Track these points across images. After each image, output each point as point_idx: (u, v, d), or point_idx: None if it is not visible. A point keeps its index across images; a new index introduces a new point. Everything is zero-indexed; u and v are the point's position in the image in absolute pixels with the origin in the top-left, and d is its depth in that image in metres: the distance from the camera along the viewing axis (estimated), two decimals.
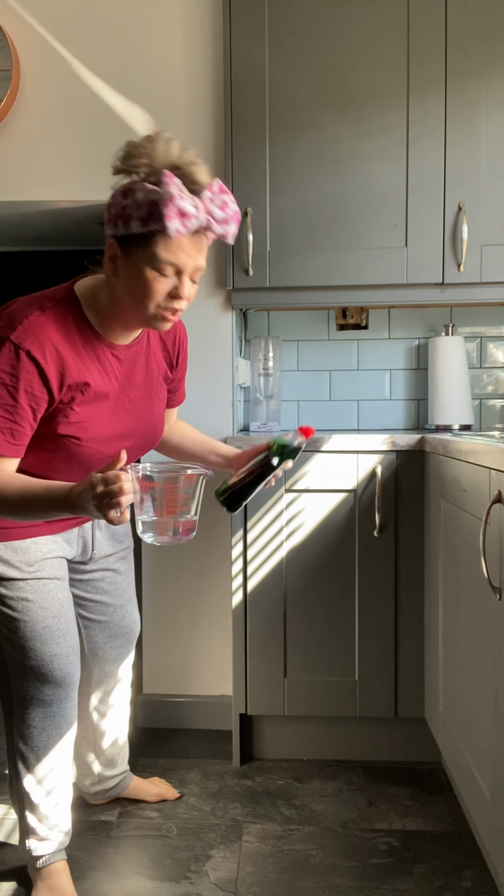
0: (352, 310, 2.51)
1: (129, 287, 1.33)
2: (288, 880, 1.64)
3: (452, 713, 1.78)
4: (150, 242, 1.27)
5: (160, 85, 2.32)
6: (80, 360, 1.39)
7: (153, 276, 1.30)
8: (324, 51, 2.16)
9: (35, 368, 1.32)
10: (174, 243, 1.27)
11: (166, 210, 1.22)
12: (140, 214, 1.25)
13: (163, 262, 1.28)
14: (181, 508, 1.27)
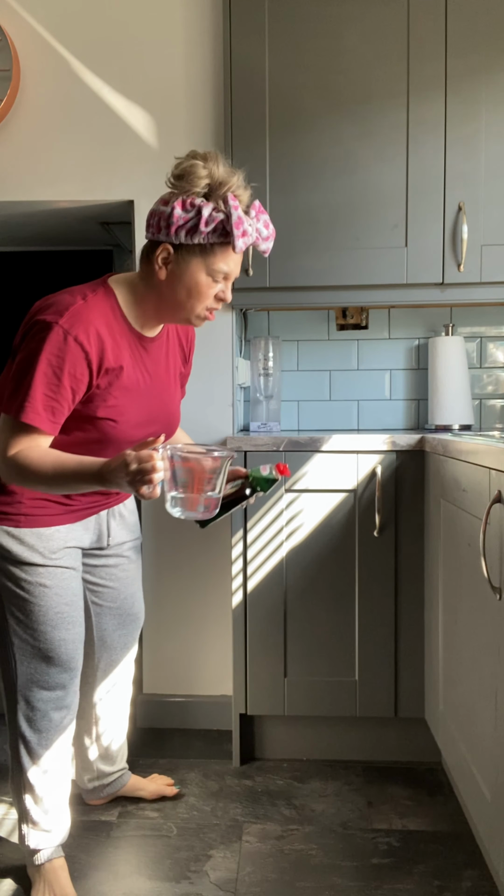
0: (352, 310, 2.51)
1: (180, 288, 1.49)
2: (288, 880, 1.64)
3: (452, 713, 1.78)
4: (210, 253, 1.46)
5: (160, 85, 2.32)
6: (117, 347, 1.50)
7: (208, 281, 1.48)
8: (324, 51, 2.16)
9: (81, 352, 1.43)
10: (230, 256, 1.47)
11: (235, 230, 1.42)
12: (208, 229, 1.43)
13: (218, 272, 1.48)
14: (207, 487, 1.37)
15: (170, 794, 1.97)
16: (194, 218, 1.43)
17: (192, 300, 1.50)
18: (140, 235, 2.35)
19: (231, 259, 1.48)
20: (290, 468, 2.07)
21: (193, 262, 1.46)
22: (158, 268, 1.48)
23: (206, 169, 1.44)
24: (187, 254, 1.46)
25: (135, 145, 2.33)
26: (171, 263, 1.47)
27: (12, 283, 3.12)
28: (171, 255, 1.47)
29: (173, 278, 1.48)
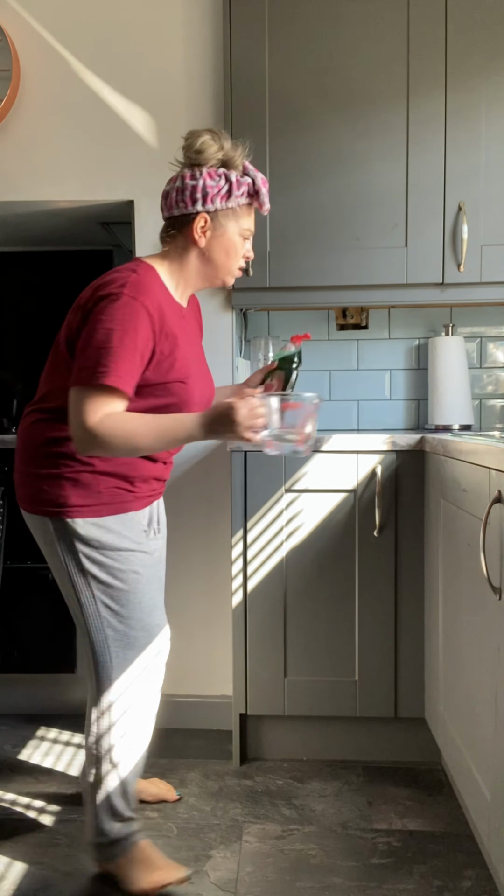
0: (352, 310, 2.51)
1: (220, 251, 1.64)
2: (288, 880, 1.64)
3: (452, 713, 1.78)
4: (240, 215, 1.63)
5: (160, 85, 2.32)
6: (169, 314, 1.60)
7: (240, 241, 1.66)
8: (324, 51, 2.16)
9: (147, 318, 1.52)
10: (253, 215, 1.67)
11: (263, 189, 1.63)
12: (240, 192, 1.60)
13: (247, 230, 1.66)
14: (311, 424, 1.54)
15: (171, 799, 1.97)
16: (226, 185, 1.60)
17: (231, 259, 1.66)
18: (140, 235, 2.35)
19: (253, 218, 1.68)
20: (290, 468, 2.08)
21: (229, 224, 1.63)
22: (198, 236, 1.61)
23: (216, 143, 1.60)
24: (223, 218, 1.62)
25: (135, 145, 2.33)
26: (209, 230, 1.62)
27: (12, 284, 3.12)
28: (209, 222, 1.61)
29: (213, 243, 1.63)
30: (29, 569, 2.43)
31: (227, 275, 1.69)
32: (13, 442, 2.38)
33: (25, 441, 1.64)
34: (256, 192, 1.63)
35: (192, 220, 1.61)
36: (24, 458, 1.63)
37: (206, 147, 1.59)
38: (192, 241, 1.63)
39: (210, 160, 1.59)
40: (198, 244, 1.62)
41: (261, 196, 1.63)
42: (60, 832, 1.82)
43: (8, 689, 2.50)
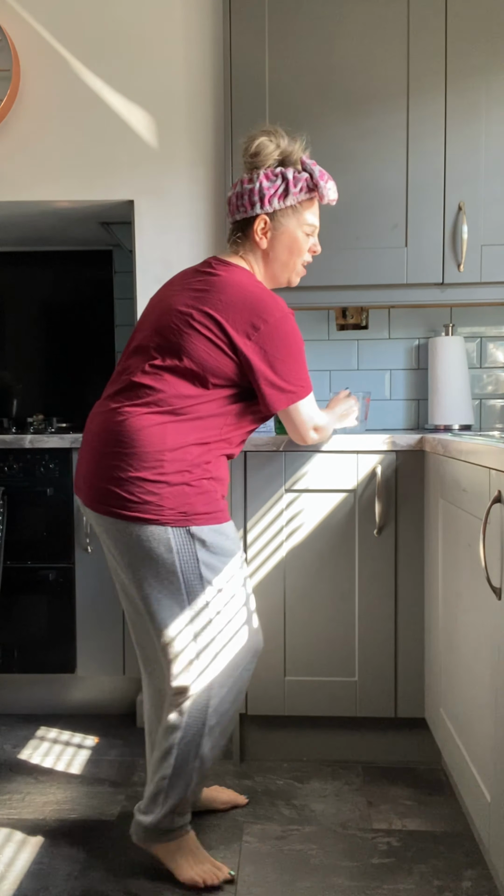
0: (352, 310, 2.51)
1: (282, 249, 1.67)
2: (288, 880, 1.64)
3: (452, 713, 1.78)
4: (301, 210, 1.66)
5: (160, 85, 2.32)
6: None
7: (302, 237, 1.68)
8: (324, 51, 2.16)
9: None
10: (315, 209, 1.69)
11: (321, 182, 1.64)
12: (297, 189, 1.62)
13: (310, 224, 1.68)
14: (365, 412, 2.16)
15: (241, 803, 1.92)
16: (282, 184, 1.62)
17: (294, 257, 1.69)
18: (140, 235, 2.35)
19: (316, 211, 1.69)
20: (290, 468, 2.08)
21: (289, 223, 1.66)
22: (259, 238, 1.65)
23: (273, 142, 1.63)
24: (282, 217, 1.65)
25: (135, 145, 2.33)
26: (269, 231, 1.65)
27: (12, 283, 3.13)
28: (268, 223, 1.65)
29: (274, 243, 1.67)
30: (29, 569, 2.43)
31: (291, 272, 1.72)
32: (13, 442, 2.38)
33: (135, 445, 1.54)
34: (315, 186, 1.64)
35: (252, 223, 1.65)
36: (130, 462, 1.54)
37: (261, 149, 1.62)
38: (255, 244, 1.67)
39: (267, 161, 1.63)
40: (259, 246, 1.66)
41: (320, 188, 1.64)
42: (60, 832, 1.82)
43: (8, 689, 2.50)
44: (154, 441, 1.53)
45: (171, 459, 1.54)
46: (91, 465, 1.59)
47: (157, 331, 1.60)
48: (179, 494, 1.54)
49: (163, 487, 1.53)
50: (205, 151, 2.32)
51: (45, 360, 3.15)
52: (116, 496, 1.54)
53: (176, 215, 2.34)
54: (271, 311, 1.57)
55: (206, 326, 1.56)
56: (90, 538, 2.40)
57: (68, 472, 2.40)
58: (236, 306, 1.55)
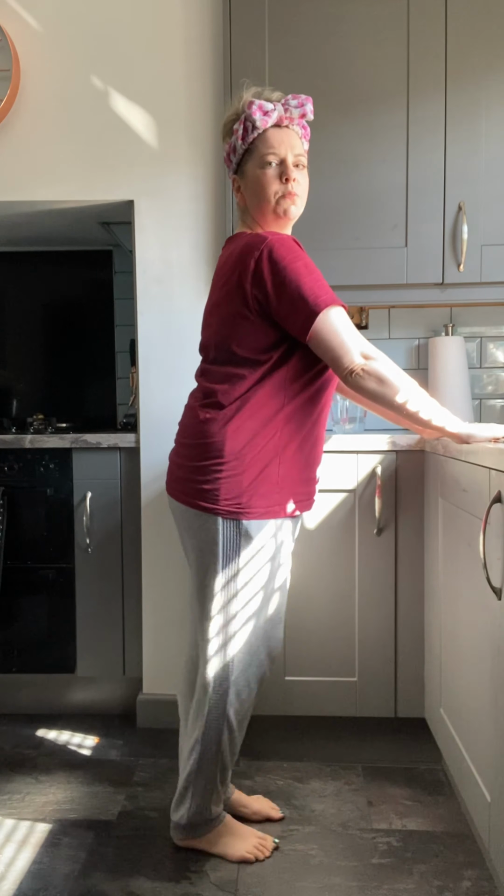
0: (352, 310, 2.51)
1: (252, 193, 1.62)
2: (288, 880, 1.64)
3: (452, 713, 1.78)
4: (252, 151, 1.60)
5: (160, 85, 2.32)
6: None
7: (262, 171, 1.59)
8: (324, 51, 2.16)
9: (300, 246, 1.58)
10: (268, 138, 1.58)
11: (252, 113, 1.56)
12: (240, 136, 1.59)
13: (265, 156, 1.58)
14: None
15: (276, 817, 1.85)
16: (233, 139, 1.62)
17: (263, 192, 1.60)
18: (140, 235, 2.35)
19: (271, 141, 1.58)
20: None
21: (248, 168, 1.61)
22: (238, 199, 1.66)
23: (232, 107, 1.63)
24: (245, 168, 1.62)
25: (135, 145, 2.33)
26: (240, 186, 1.65)
27: (12, 283, 3.12)
28: (237, 181, 1.66)
29: (247, 192, 1.64)
30: (29, 569, 2.43)
31: (272, 209, 1.61)
32: (13, 442, 2.38)
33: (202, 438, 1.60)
34: (252, 123, 1.57)
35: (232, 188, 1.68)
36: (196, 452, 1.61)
37: (225, 122, 1.64)
38: (240, 204, 1.67)
39: (229, 127, 1.64)
40: (241, 205, 1.67)
41: (255, 119, 1.56)
42: (60, 832, 1.82)
43: (8, 689, 2.50)
44: (216, 433, 1.58)
45: (231, 448, 1.57)
46: (174, 455, 1.69)
47: (203, 330, 1.69)
48: (236, 486, 1.57)
49: (220, 478, 1.57)
50: (205, 151, 2.32)
51: (45, 360, 3.15)
52: (183, 482, 1.63)
53: (176, 215, 2.34)
54: (258, 243, 1.53)
55: (232, 306, 1.58)
56: (90, 538, 2.40)
57: (68, 472, 2.40)
58: (236, 263, 1.56)
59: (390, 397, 1.52)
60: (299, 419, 1.60)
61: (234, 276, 1.55)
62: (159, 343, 2.36)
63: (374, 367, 1.50)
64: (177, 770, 2.12)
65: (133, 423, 2.85)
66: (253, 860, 1.68)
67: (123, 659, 2.43)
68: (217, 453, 1.57)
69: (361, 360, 1.50)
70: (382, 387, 1.51)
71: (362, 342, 1.52)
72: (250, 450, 1.57)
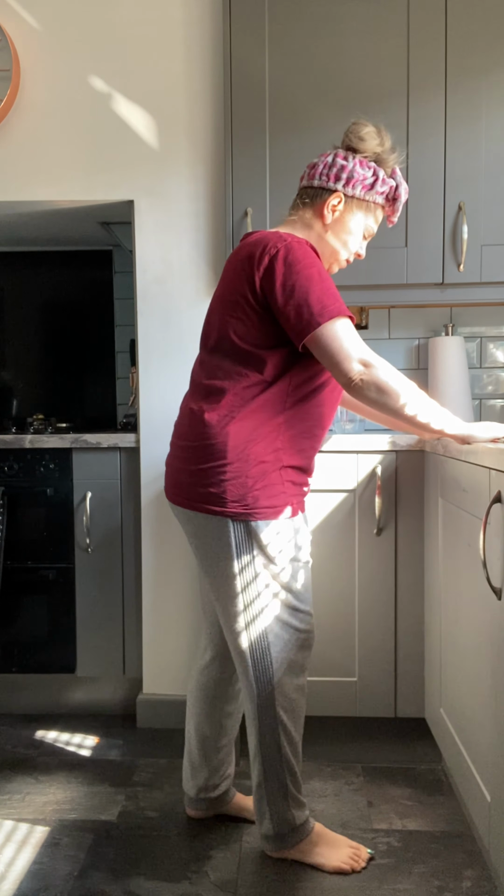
0: (352, 310, 2.51)
1: (341, 233, 1.66)
2: (288, 880, 1.64)
3: (452, 713, 1.78)
4: (371, 211, 1.66)
5: (160, 85, 2.32)
6: None
7: (359, 236, 1.68)
8: (324, 51, 2.16)
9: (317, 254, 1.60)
10: (380, 218, 1.70)
11: (402, 198, 1.67)
12: (381, 190, 1.65)
13: (370, 228, 1.69)
14: None
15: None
16: (371, 178, 1.63)
17: (345, 248, 1.68)
18: (140, 235, 2.35)
19: (380, 220, 1.70)
20: None
21: (358, 214, 1.65)
22: (327, 212, 1.64)
23: (379, 137, 1.64)
24: (356, 206, 1.65)
25: (135, 145, 2.33)
26: (338, 211, 1.64)
27: (12, 283, 3.12)
28: (342, 202, 1.64)
29: (337, 225, 1.65)
30: (29, 569, 2.43)
31: (334, 262, 1.70)
32: (13, 442, 2.38)
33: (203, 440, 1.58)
34: (395, 199, 1.66)
35: (327, 195, 1.64)
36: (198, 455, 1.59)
37: (368, 137, 1.63)
38: (319, 216, 1.65)
39: (367, 150, 1.63)
40: (324, 219, 1.65)
41: (397, 203, 1.66)
42: (60, 832, 1.82)
43: (8, 689, 2.50)
44: (218, 434, 1.57)
45: (234, 448, 1.56)
46: (172, 459, 1.67)
47: (206, 324, 1.66)
48: (241, 487, 1.56)
49: (225, 480, 1.56)
50: (205, 151, 2.32)
51: (45, 361, 3.15)
52: (186, 486, 1.61)
53: (176, 215, 2.34)
54: (277, 242, 1.54)
55: (228, 293, 1.58)
56: (90, 538, 2.40)
57: (68, 472, 2.40)
58: (250, 256, 1.56)
59: (391, 405, 1.55)
60: (301, 423, 1.60)
61: (247, 264, 1.55)
62: (159, 343, 2.36)
63: (374, 376, 1.52)
64: (175, 770, 2.12)
65: (133, 423, 2.85)
66: (349, 871, 1.65)
67: (123, 659, 2.43)
68: (220, 455, 1.56)
69: (360, 369, 1.52)
70: (382, 395, 1.53)
71: (362, 351, 1.53)
72: (253, 450, 1.56)
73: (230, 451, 1.56)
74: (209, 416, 1.58)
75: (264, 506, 1.57)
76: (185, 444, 1.62)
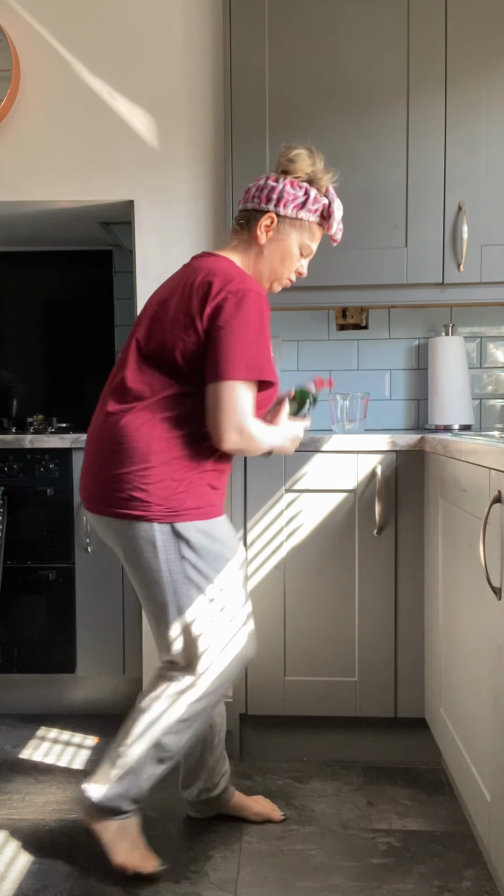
0: (352, 310, 2.51)
1: (276, 254, 1.68)
2: (288, 880, 1.64)
3: (452, 713, 1.78)
4: (306, 230, 1.68)
5: (160, 85, 2.32)
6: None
7: (297, 253, 1.69)
8: (324, 51, 2.16)
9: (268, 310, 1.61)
10: (318, 236, 1.71)
11: (336, 215, 1.68)
12: (314, 208, 1.66)
13: (307, 247, 1.70)
14: None
15: (277, 818, 1.85)
16: (303, 197, 1.65)
17: (283, 267, 1.70)
18: (140, 235, 2.35)
19: (318, 238, 1.72)
20: (291, 468, 2.07)
21: (292, 233, 1.67)
22: (260, 233, 1.66)
23: (311, 159, 1.66)
24: (289, 225, 1.66)
25: (135, 145, 2.33)
26: (272, 231, 1.66)
27: (12, 283, 3.12)
28: (274, 223, 1.66)
29: (272, 244, 1.68)
30: (29, 569, 2.43)
31: (275, 280, 1.72)
32: (13, 442, 2.38)
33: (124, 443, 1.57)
34: (329, 216, 1.67)
35: (260, 216, 1.66)
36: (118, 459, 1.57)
37: (299, 159, 1.65)
38: (254, 237, 1.67)
39: (298, 171, 1.65)
40: (258, 241, 1.66)
41: (332, 220, 1.67)
42: (60, 832, 1.82)
43: (8, 689, 2.50)
44: (140, 437, 1.56)
45: (158, 452, 1.56)
46: (88, 466, 1.65)
47: (143, 328, 1.64)
48: (166, 490, 1.56)
49: (149, 483, 1.55)
50: (205, 151, 2.32)
51: (45, 361, 3.15)
52: (106, 494, 1.58)
53: (176, 215, 2.34)
54: (236, 282, 1.55)
55: (180, 309, 1.58)
56: (90, 538, 2.40)
57: (68, 472, 2.40)
58: (205, 282, 1.57)
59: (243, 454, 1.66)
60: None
61: (201, 292, 1.55)
62: None
63: (238, 445, 1.57)
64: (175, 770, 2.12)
65: None
66: (131, 872, 1.61)
67: (123, 659, 2.43)
68: (143, 458, 1.55)
69: (234, 437, 1.55)
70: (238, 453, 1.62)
71: (249, 419, 1.56)
72: (175, 454, 1.57)
73: (154, 454, 1.55)
74: (130, 420, 1.57)
75: (190, 507, 1.57)
76: (104, 448, 1.59)
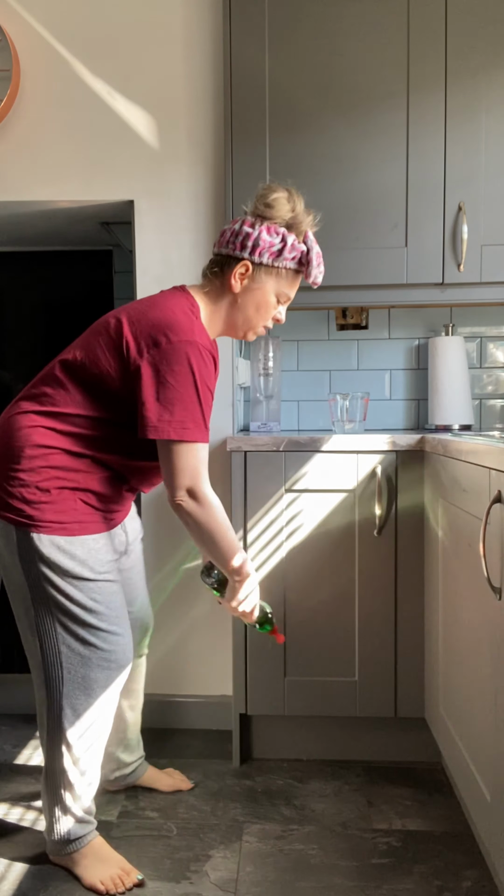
0: (352, 310, 2.51)
1: (250, 303, 1.64)
2: (288, 880, 1.64)
3: (452, 713, 1.78)
4: (283, 278, 1.64)
5: (160, 85, 2.32)
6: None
7: (273, 301, 1.65)
8: (324, 51, 2.16)
9: (213, 366, 1.60)
10: (296, 284, 1.67)
11: (314, 262, 1.63)
12: (291, 256, 1.61)
13: (284, 295, 1.66)
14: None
15: (185, 787, 2.02)
16: (280, 245, 1.60)
17: (258, 316, 1.66)
18: (140, 235, 2.35)
19: (296, 285, 1.67)
20: (291, 468, 2.08)
21: (268, 282, 1.63)
22: (235, 282, 1.62)
23: (290, 203, 1.61)
24: (265, 273, 1.62)
25: (135, 145, 2.33)
26: (247, 279, 1.62)
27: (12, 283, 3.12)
28: (249, 271, 1.61)
29: (247, 293, 1.63)
30: None
31: (249, 329, 1.68)
32: None
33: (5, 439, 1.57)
34: (307, 263, 1.62)
35: (235, 264, 1.61)
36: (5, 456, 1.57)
37: (277, 204, 1.59)
38: (228, 285, 1.63)
39: (276, 217, 1.60)
40: (232, 289, 1.62)
41: (310, 267, 1.62)
42: None
43: (8, 689, 2.50)
44: (20, 437, 1.55)
45: (32, 457, 1.54)
46: None
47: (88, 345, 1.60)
48: (28, 495, 1.53)
49: (14, 487, 1.54)
50: (205, 151, 2.32)
51: (44, 361, 3.15)
52: None
53: (176, 215, 2.34)
54: (180, 332, 1.51)
55: (113, 329, 1.56)
56: None
57: None
58: (148, 318, 1.54)
59: (193, 535, 1.61)
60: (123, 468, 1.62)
61: (151, 331, 1.52)
62: None
63: (192, 507, 1.55)
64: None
65: None
66: (104, 891, 1.59)
67: None
68: (17, 458, 1.54)
69: (185, 498, 1.55)
70: (189, 525, 1.59)
71: (201, 479, 1.55)
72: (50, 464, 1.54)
73: (25, 459, 1.54)
74: (23, 419, 1.57)
75: (50, 520, 1.54)
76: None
